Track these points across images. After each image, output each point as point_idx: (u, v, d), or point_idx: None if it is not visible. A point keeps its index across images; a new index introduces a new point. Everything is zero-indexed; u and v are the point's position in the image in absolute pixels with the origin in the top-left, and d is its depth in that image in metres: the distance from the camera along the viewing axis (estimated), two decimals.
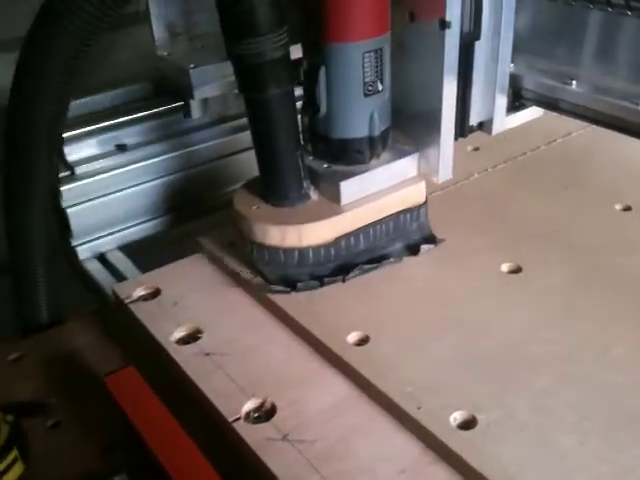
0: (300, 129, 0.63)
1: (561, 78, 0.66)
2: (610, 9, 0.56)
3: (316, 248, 0.62)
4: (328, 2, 0.57)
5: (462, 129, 0.67)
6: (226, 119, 0.84)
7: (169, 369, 0.57)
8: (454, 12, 0.58)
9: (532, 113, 0.72)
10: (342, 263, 0.64)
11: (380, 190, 0.65)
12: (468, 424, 0.49)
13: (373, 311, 0.60)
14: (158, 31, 0.86)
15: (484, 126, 0.69)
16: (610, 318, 0.58)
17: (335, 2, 0.57)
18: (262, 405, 0.52)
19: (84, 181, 0.76)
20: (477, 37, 0.62)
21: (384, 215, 0.65)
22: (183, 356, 0.57)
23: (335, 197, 0.63)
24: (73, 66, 0.62)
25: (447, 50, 0.60)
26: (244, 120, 0.66)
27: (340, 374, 0.55)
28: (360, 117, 0.62)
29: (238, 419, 0.51)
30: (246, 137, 0.65)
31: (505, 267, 0.64)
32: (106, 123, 0.78)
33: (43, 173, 0.66)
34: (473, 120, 0.68)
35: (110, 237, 0.79)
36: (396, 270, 0.65)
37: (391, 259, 0.66)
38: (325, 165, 0.65)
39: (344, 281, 0.63)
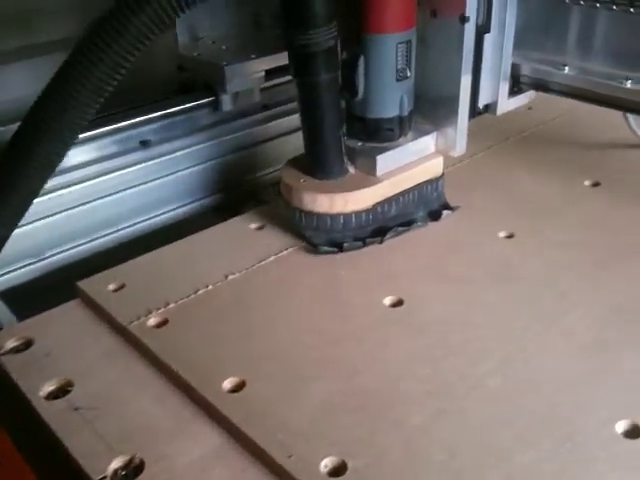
0: None
1: (553, 65, 0.78)
2: (615, 7, 0.67)
3: (358, 213, 0.72)
4: (372, 0, 0.67)
5: (472, 111, 0.78)
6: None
7: (40, 426, 0.54)
8: (472, 8, 0.69)
9: (527, 96, 0.83)
10: (378, 227, 0.74)
11: (407, 163, 0.75)
12: (338, 470, 0.48)
13: (251, 352, 0.59)
14: (181, 34, 0.95)
15: (490, 108, 0.80)
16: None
17: (378, 1, 0.67)
18: (130, 461, 0.50)
19: None
20: (488, 30, 0.74)
21: (411, 185, 0.75)
22: (50, 412, 0.54)
23: (371, 169, 0.73)
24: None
25: (466, 42, 0.71)
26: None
27: (214, 423, 0.52)
28: (392, 99, 0.72)
29: (104, 478, 0.48)
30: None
31: (388, 300, 0.65)
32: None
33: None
34: (481, 103, 0.79)
35: None
36: (273, 301, 0.65)
37: (418, 223, 0.76)
38: (360, 143, 0.75)
39: (381, 242, 0.73)
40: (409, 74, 0.72)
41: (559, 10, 0.75)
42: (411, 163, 0.75)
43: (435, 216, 0.77)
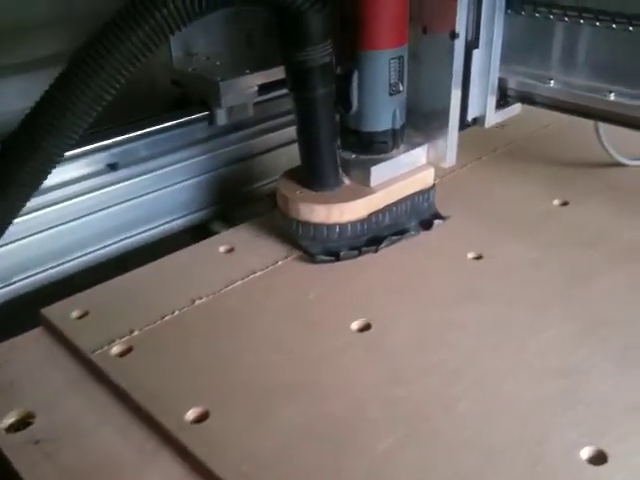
0: None
1: (539, 79, 0.81)
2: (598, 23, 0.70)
3: (353, 223, 0.74)
4: (363, 17, 0.69)
5: (462, 124, 0.81)
6: None
7: (1, 460, 0.53)
8: (462, 25, 0.72)
9: (513, 110, 0.86)
10: (372, 236, 0.76)
11: (400, 175, 0.78)
12: None
13: (216, 379, 0.58)
14: (176, 50, 0.97)
15: (478, 121, 0.83)
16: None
17: (369, 17, 0.69)
18: None
19: None
20: (476, 46, 0.76)
21: (403, 195, 0.78)
22: (11, 445, 0.53)
23: (365, 180, 0.75)
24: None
25: (456, 57, 0.74)
26: None
27: (177, 456, 0.51)
28: (385, 113, 0.75)
29: None
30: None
31: (357, 324, 0.65)
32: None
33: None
34: (470, 116, 0.82)
35: None
36: (241, 326, 0.65)
37: (411, 232, 0.78)
38: (354, 155, 0.77)
39: (376, 251, 0.75)
40: (401, 88, 0.74)
41: (544, 26, 0.78)
42: (403, 174, 0.78)
43: (427, 225, 0.79)
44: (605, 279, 0.69)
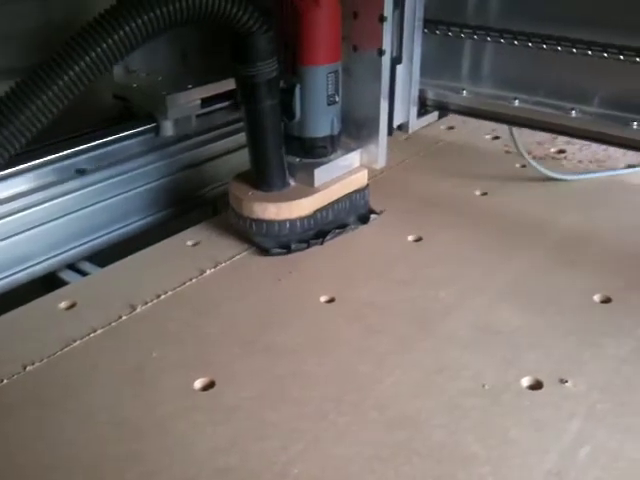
0: None
1: (453, 90, 0.93)
2: (502, 40, 0.82)
3: (301, 219, 0.83)
4: (304, 37, 0.79)
5: (390, 130, 0.92)
6: None
7: None
8: (387, 43, 0.83)
9: (431, 117, 0.98)
10: (318, 230, 0.85)
11: (339, 176, 0.87)
12: None
13: (40, 458, 0.54)
14: (116, 67, 1.03)
15: (403, 127, 0.94)
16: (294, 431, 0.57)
17: (309, 37, 0.79)
18: None
19: None
20: (400, 61, 0.87)
21: (343, 194, 0.87)
22: None
23: (309, 181, 0.85)
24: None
25: (383, 71, 0.84)
26: None
27: None
28: (325, 121, 0.84)
29: None
30: None
31: (199, 383, 0.63)
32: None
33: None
34: (395, 123, 0.93)
35: None
36: (74, 392, 0.61)
37: (352, 226, 0.88)
38: (297, 159, 0.86)
39: (322, 243, 0.84)
40: (337, 99, 0.84)
41: (456, 44, 0.90)
42: (342, 175, 0.88)
43: (364, 219, 0.89)
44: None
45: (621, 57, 0.75)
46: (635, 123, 0.77)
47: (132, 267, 0.82)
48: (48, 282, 0.84)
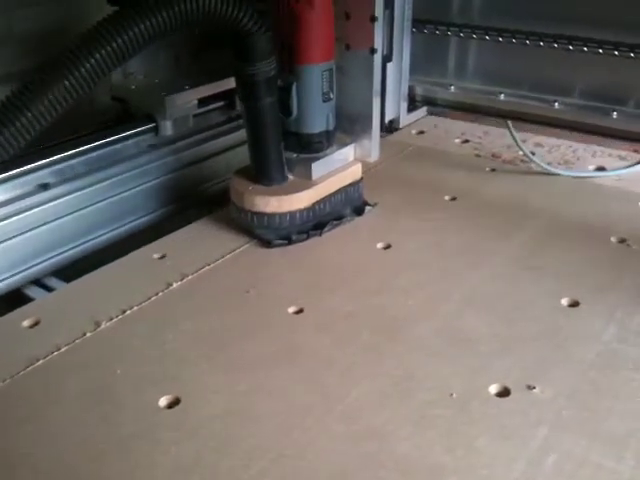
0: None
1: (441, 85, 0.98)
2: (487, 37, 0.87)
3: (301, 211, 0.87)
4: (300, 38, 0.83)
5: (382, 125, 0.96)
6: None
7: None
8: (379, 42, 0.87)
9: (420, 113, 1.03)
10: (317, 222, 0.89)
11: (335, 169, 0.91)
12: None
13: None
14: (115, 71, 1.06)
15: (394, 122, 0.98)
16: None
17: (304, 38, 0.83)
18: None
19: None
20: (390, 59, 0.92)
21: (339, 187, 0.91)
22: None
23: (307, 175, 0.88)
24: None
25: (375, 69, 0.88)
26: None
27: None
28: (320, 117, 0.88)
29: None
30: None
31: (164, 401, 0.61)
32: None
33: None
34: (387, 118, 0.97)
35: None
36: (38, 414, 0.60)
37: (348, 218, 0.92)
38: (295, 155, 0.90)
39: (321, 234, 0.88)
40: (332, 96, 0.88)
41: (442, 42, 0.95)
42: (338, 169, 0.91)
43: (359, 211, 0.93)
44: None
45: (600, 51, 0.80)
46: (615, 113, 0.82)
47: (98, 282, 0.80)
48: (13, 299, 0.82)
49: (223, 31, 0.78)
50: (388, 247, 0.85)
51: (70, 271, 0.86)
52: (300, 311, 0.73)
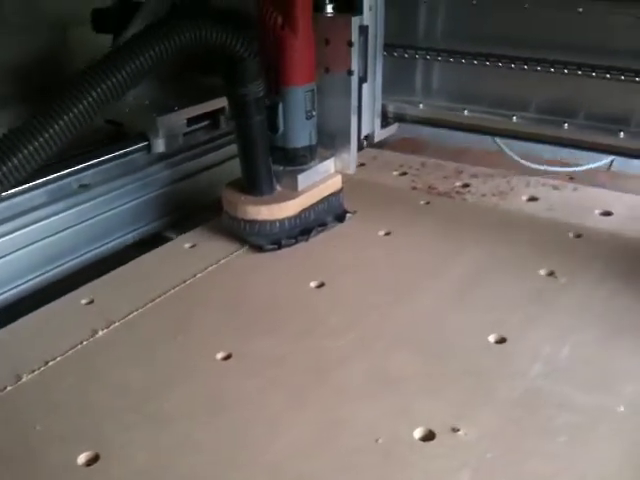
0: None
1: (411, 103, 1.08)
2: (451, 59, 0.97)
3: (289, 218, 0.95)
4: (285, 62, 0.92)
5: (358, 141, 1.05)
6: None
7: None
8: (355, 65, 0.97)
9: (393, 128, 1.12)
10: (303, 228, 0.97)
11: (318, 180, 1.00)
12: None
13: None
14: None
15: (369, 137, 1.08)
16: None
17: (289, 62, 0.92)
18: None
19: None
20: (365, 80, 1.01)
21: (322, 196, 1.00)
22: None
23: (294, 186, 0.97)
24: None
25: (352, 90, 0.98)
26: None
27: None
28: (304, 133, 0.97)
29: None
30: None
31: (83, 458, 0.59)
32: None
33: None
34: (363, 134, 1.06)
35: None
36: None
37: (331, 224, 1.00)
38: (281, 168, 0.99)
39: (307, 240, 0.97)
40: (314, 114, 0.97)
41: (410, 64, 1.05)
42: (320, 180, 1.00)
43: (340, 218, 1.02)
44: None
45: (552, 70, 0.90)
46: (566, 124, 0.93)
47: (22, 331, 0.77)
48: None
49: (217, 56, 0.87)
50: (321, 285, 0.85)
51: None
52: (229, 357, 0.72)
